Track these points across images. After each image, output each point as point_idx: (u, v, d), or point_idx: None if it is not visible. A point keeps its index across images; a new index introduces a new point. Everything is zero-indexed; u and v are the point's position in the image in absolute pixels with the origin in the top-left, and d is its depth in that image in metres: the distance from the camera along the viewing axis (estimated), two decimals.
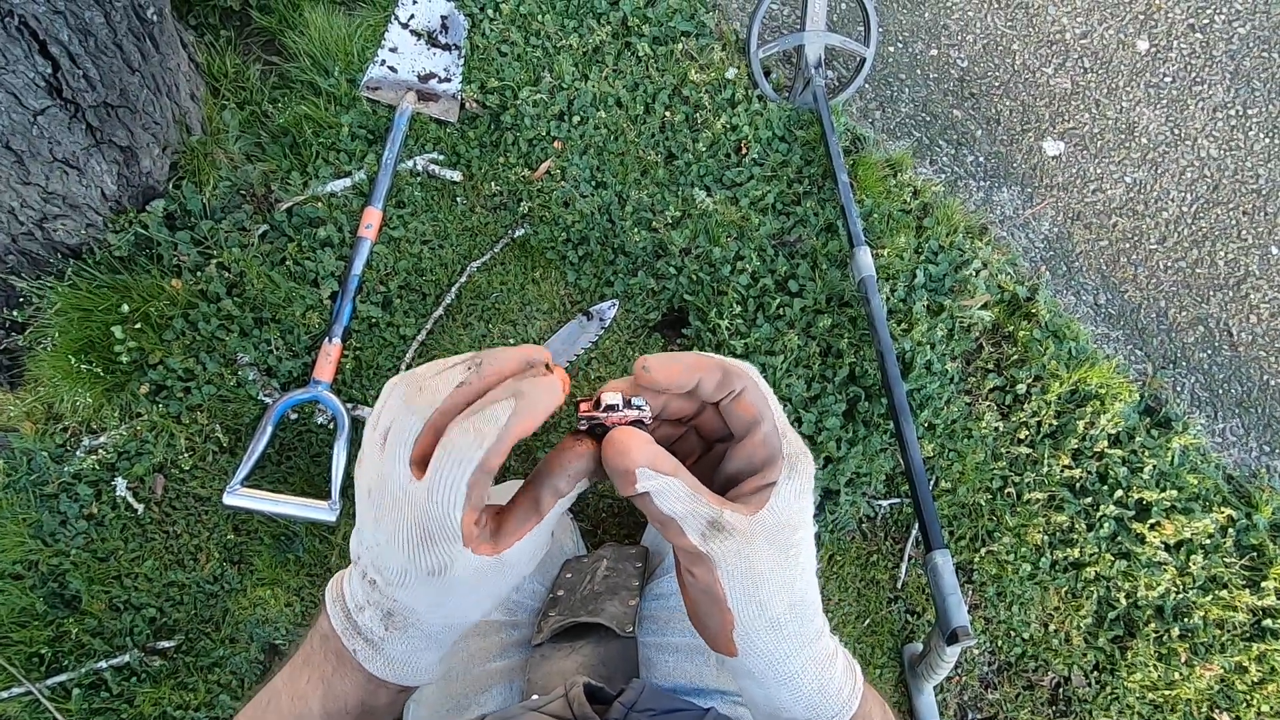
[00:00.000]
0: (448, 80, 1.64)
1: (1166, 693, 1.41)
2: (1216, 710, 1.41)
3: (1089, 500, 1.49)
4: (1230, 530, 1.48)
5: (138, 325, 1.40)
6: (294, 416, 1.42)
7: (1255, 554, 1.48)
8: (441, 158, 1.60)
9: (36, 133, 1.20)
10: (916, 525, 1.47)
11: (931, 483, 1.48)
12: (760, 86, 1.70)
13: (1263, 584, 1.45)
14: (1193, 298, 1.73)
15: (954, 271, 1.60)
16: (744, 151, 1.66)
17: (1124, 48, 1.93)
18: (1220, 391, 1.66)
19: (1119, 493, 1.48)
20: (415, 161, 1.57)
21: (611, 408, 0.38)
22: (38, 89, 1.16)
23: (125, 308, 1.39)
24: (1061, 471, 1.49)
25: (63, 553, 1.34)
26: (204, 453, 1.40)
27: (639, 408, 0.38)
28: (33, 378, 1.42)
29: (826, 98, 1.65)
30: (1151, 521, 1.47)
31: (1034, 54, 1.92)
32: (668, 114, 1.67)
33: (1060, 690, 1.43)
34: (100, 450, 1.38)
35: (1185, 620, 1.44)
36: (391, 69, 1.64)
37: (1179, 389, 1.66)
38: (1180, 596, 1.45)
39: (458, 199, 1.59)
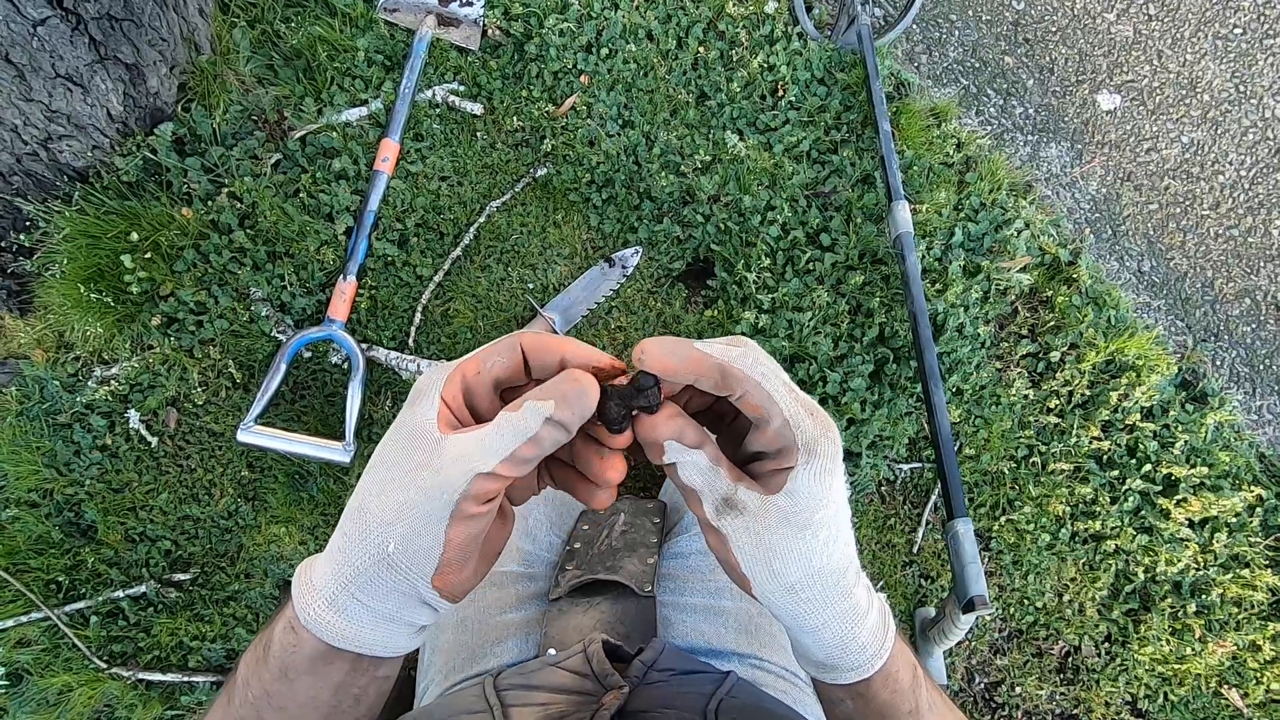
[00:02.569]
0: (470, 4, 1.54)
1: (1177, 666, 1.40)
2: (1225, 686, 1.40)
3: (1115, 473, 1.45)
4: (1258, 510, 1.45)
5: (148, 255, 1.36)
6: (308, 355, 1.39)
7: None
8: (462, 89, 1.52)
9: (37, 45, 1.13)
10: (937, 491, 1.45)
11: (955, 449, 1.45)
12: (801, 23, 1.60)
13: None
14: (1242, 268, 1.65)
15: (994, 231, 1.53)
16: (780, 93, 1.57)
17: None
18: (1261, 368, 1.61)
19: (1147, 467, 1.44)
20: (434, 91, 1.49)
21: (621, 419, 0.38)
22: None
23: (135, 236, 1.35)
24: (1090, 443, 1.46)
25: (77, 483, 1.33)
26: (217, 388, 1.38)
27: (645, 390, 0.38)
28: (42, 305, 1.39)
29: (872, 38, 1.54)
30: (1178, 497, 1.43)
31: None
32: (701, 49, 1.57)
33: (1069, 659, 1.43)
34: (112, 381, 1.36)
35: (1203, 597, 1.42)
36: None
37: (1218, 363, 1.60)
38: (1200, 573, 1.43)
39: (478, 133, 1.52)
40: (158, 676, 1.28)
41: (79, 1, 1.14)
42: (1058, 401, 1.47)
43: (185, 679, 1.28)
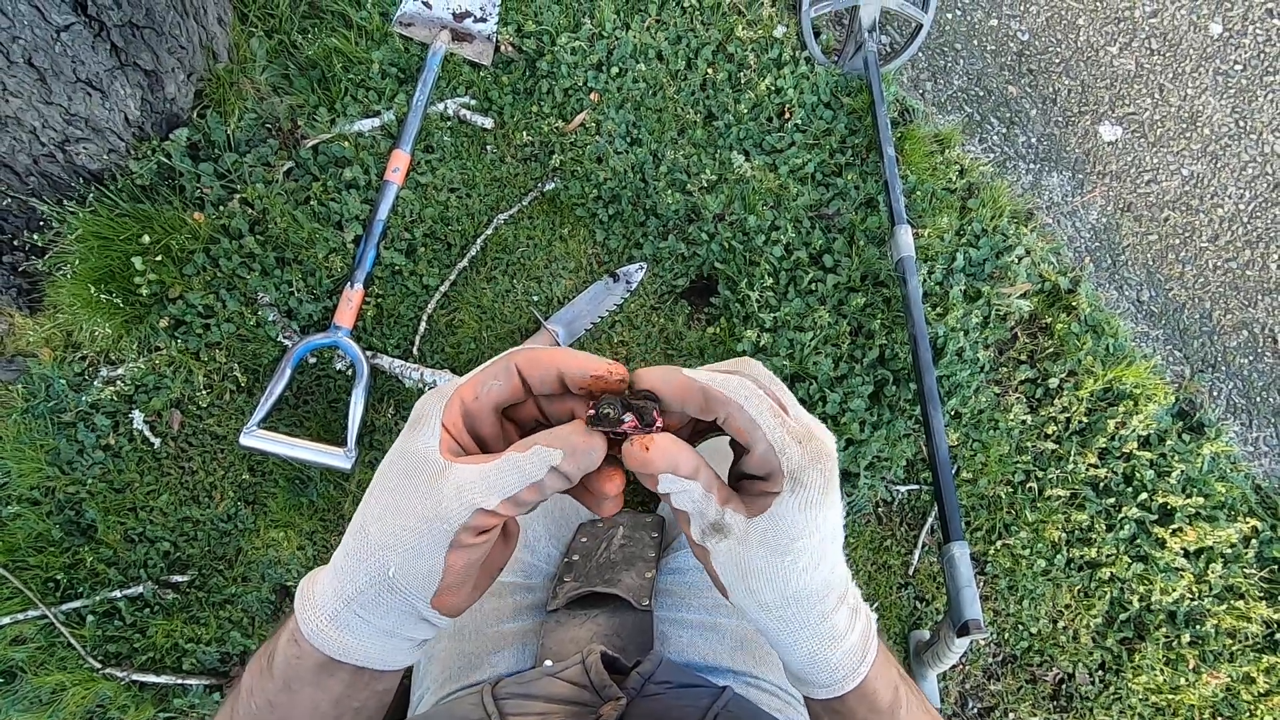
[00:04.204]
0: (484, 20, 1.57)
1: (1170, 697, 1.40)
2: (1219, 718, 1.40)
3: (1111, 501, 1.46)
4: (1253, 541, 1.46)
5: (158, 257, 1.37)
6: (312, 361, 1.41)
7: (1276, 566, 1.45)
8: (473, 103, 1.55)
9: (59, 50, 1.15)
10: (934, 514, 1.46)
11: (953, 472, 1.45)
12: (809, 48, 1.63)
13: None
14: (1240, 300, 1.67)
15: (995, 257, 1.55)
16: (787, 116, 1.59)
17: (1195, 30, 1.82)
18: (1258, 399, 1.62)
19: (1143, 495, 1.45)
20: (446, 105, 1.52)
21: (616, 420, 0.37)
22: (61, 4, 1.11)
23: (146, 238, 1.36)
24: (1086, 470, 1.46)
25: (79, 481, 1.34)
26: (221, 391, 1.39)
27: (643, 400, 0.38)
28: (52, 304, 1.40)
29: (878, 64, 1.57)
30: (1173, 527, 1.44)
31: (1099, 31, 1.81)
32: (710, 71, 1.60)
33: (1063, 686, 1.43)
34: (118, 381, 1.37)
35: (1197, 627, 1.42)
36: (426, 4, 1.57)
37: (1215, 394, 1.62)
38: (1194, 603, 1.43)
39: (488, 147, 1.54)
40: (152, 678, 1.27)
41: (102, 8, 1.16)
42: (1055, 428, 1.49)
43: (179, 681, 1.28)
